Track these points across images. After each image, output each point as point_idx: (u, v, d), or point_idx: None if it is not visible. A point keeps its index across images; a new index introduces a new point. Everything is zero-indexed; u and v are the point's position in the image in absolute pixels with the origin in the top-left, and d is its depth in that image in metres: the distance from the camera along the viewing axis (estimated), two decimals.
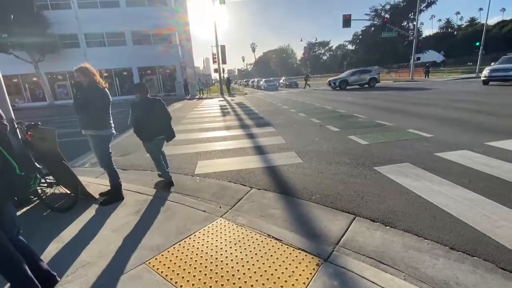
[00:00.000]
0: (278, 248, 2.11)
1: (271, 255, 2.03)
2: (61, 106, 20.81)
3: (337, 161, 4.19)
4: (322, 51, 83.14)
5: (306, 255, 2.00)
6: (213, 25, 23.05)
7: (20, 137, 2.79)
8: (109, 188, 3.49)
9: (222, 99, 19.71)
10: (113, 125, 3.10)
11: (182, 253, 2.13)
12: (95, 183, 3.75)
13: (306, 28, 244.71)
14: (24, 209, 3.04)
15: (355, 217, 2.58)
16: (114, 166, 3.17)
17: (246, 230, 2.40)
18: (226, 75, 29.83)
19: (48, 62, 22.08)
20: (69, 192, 3.23)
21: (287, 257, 1.99)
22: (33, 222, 2.78)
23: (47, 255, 2.19)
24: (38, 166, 1.80)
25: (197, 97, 22.68)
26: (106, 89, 2.97)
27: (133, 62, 24.81)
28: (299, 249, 2.08)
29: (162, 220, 2.67)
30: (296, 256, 2.00)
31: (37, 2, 21.41)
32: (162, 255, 2.13)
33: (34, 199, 3.14)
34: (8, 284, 1.64)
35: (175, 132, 3.71)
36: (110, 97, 3.05)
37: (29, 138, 2.75)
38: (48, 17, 21.48)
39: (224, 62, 23.92)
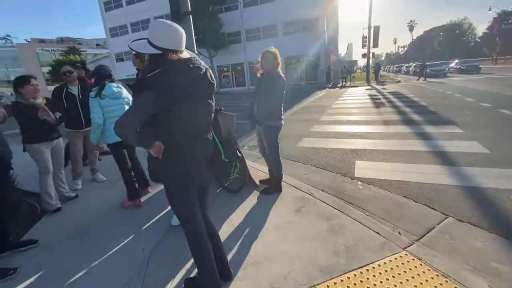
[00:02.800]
0: None
1: None
2: (224, 93, 25.47)
3: None
4: None
5: None
6: (361, 5, 20.45)
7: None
8: (267, 175, 3.50)
9: (369, 87, 17.48)
10: (283, 116, 2.92)
11: None
12: (254, 167, 3.89)
13: None
14: None
15: None
16: (280, 158, 3.04)
17: (448, 283, 1.57)
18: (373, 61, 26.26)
19: (218, 57, 27.46)
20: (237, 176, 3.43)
21: None
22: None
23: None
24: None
25: (339, 85, 21.37)
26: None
27: (282, 52, 25.90)
28: None
29: (325, 231, 2.25)
30: None
31: (216, 7, 26.74)
32: (335, 283, 1.69)
33: None
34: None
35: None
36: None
37: None
38: (221, 18, 26.44)
39: (376, 45, 20.97)
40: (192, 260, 1.87)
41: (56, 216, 2.79)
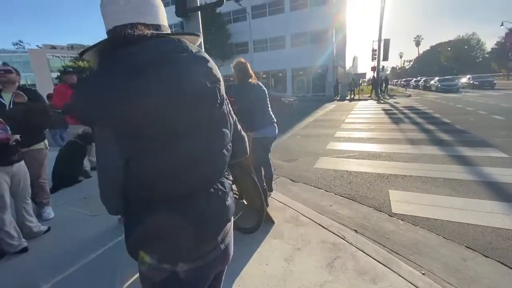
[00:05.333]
0: None
1: None
2: None
3: None
4: None
5: None
6: (368, 17, 20.18)
7: None
8: (284, 206, 2.90)
9: (380, 101, 16.90)
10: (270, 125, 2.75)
11: None
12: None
13: (506, 7, 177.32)
14: None
15: None
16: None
17: None
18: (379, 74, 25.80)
19: (224, 67, 27.33)
20: (250, 207, 2.81)
21: None
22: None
23: None
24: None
25: (347, 98, 20.85)
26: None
27: (289, 64, 26.18)
28: None
29: None
30: None
31: (225, 18, 26.86)
32: None
33: None
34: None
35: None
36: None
37: None
38: (230, 29, 26.46)
39: (386, 58, 20.54)
40: None
41: (20, 258, 2.19)
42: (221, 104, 0.78)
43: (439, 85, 22.20)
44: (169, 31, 0.77)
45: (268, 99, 2.82)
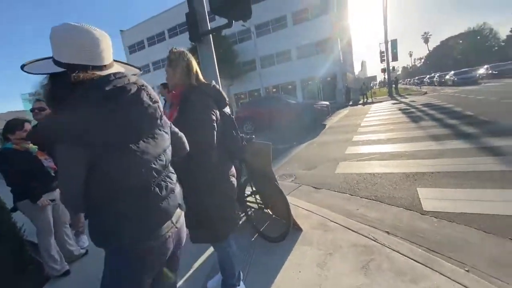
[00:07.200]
0: None
1: None
2: None
3: None
4: None
5: None
6: (372, 21, 20.22)
7: None
8: (310, 213, 2.87)
9: (395, 101, 16.54)
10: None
11: None
12: (291, 203, 3.27)
13: None
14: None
15: None
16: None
17: None
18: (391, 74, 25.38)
19: (235, 85, 28.04)
20: (275, 216, 2.82)
21: None
22: (245, 245, 2.48)
23: None
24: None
25: (360, 102, 20.57)
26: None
27: (297, 76, 26.49)
28: None
29: None
30: None
31: (231, 39, 27.91)
32: None
33: (242, 214, 2.97)
34: None
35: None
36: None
37: None
38: (236, 49, 27.39)
39: (395, 58, 20.31)
40: None
41: (63, 281, 2.30)
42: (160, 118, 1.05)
43: (456, 79, 21.46)
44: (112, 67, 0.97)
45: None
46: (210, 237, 1.58)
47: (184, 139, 1.25)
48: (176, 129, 1.21)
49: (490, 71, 22.73)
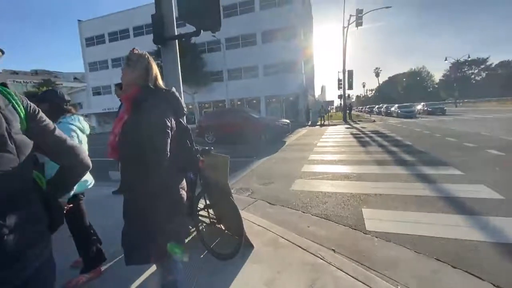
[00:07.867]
0: None
1: None
2: None
3: None
4: (476, 71, 65.38)
5: None
6: (333, 51, 22.19)
7: None
8: (263, 229, 2.86)
9: (348, 126, 17.99)
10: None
11: None
12: (245, 218, 3.22)
13: (446, 47, 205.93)
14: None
15: None
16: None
17: None
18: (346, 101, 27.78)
19: (200, 94, 27.66)
20: (227, 231, 2.74)
21: None
22: (193, 262, 2.34)
23: None
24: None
25: (318, 123, 21.90)
26: None
27: (262, 92, 27.29)
28: None
29: None
30: None
31: (200, 48, 27.73)
32: None
33: (192, 230, 2.83)
34: None
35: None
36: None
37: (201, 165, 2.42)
38: (205, 58, 27.31)
39: (350, 87, 22.32)
40: None
41: None
42: None
43: (399, 111, 24.36)
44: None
45: None
46: (152, 254, 1.44)
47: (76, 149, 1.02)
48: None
49: (425, 108, 26.37)
